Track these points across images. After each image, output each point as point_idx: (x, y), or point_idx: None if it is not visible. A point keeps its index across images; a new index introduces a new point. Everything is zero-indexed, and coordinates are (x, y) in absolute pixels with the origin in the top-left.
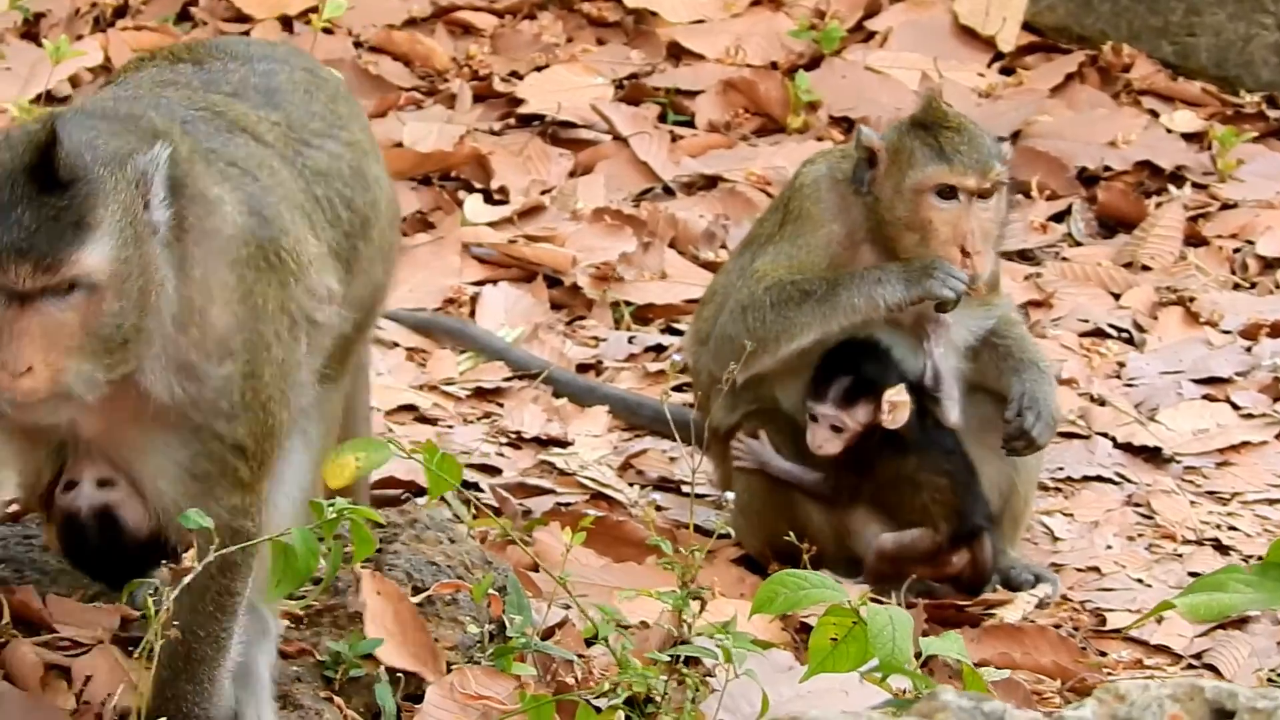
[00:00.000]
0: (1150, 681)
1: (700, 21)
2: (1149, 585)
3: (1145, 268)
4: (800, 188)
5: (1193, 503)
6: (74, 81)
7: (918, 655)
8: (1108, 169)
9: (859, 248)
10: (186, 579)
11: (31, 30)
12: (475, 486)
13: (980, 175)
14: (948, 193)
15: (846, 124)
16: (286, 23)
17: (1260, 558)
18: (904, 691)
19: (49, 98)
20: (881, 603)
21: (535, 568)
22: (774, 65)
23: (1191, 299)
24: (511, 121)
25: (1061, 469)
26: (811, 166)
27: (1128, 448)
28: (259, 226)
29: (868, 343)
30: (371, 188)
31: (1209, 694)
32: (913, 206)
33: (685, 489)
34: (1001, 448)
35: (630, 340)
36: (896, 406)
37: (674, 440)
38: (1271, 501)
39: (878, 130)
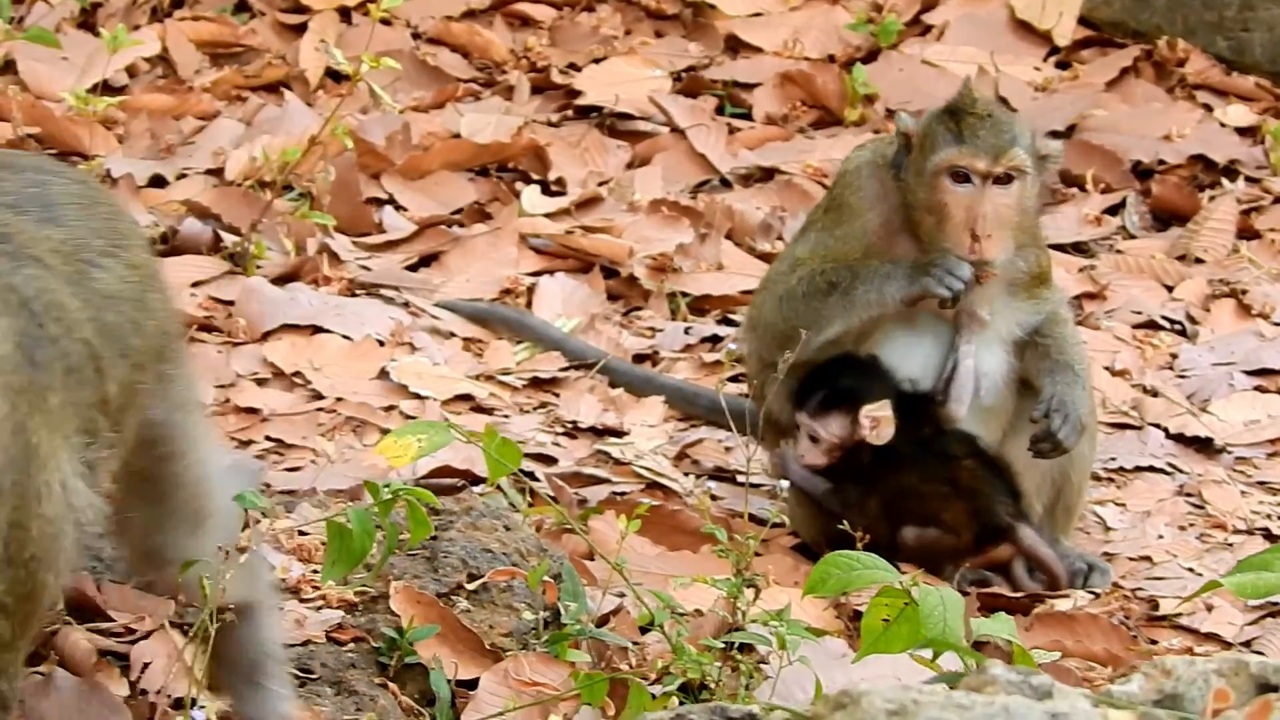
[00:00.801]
0: (1196, 658)
1: (758, 15)
2: (1199, 574)
3: (1198, 260)
4: (843, 175)
5: (1243, 493)
6: (130, 71)
7: (969, 638)
8: (1162, 162)
9: (895, 237)
10: None
11: (89, 20)
12: (531, 476)
13: (993, 159)
14: (961, 176)
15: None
16: (345, 14)
17: None
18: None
19: (106, 87)
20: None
21: (590, 556)
22: (831, 58)
23: (1244, 291)
24: (569, 113)
25: (1114, 459)
26: (858, 152)
27: (1179, 438)
28: (34, 369)
29: (856, 356)
30: (157, 316)
31: (1254, 669)
32: (930, 189)
33: (740, 478)
34: (1028, 449)
35: (686, 331)
36: (879, 422)
37: (730, 430)
38: None
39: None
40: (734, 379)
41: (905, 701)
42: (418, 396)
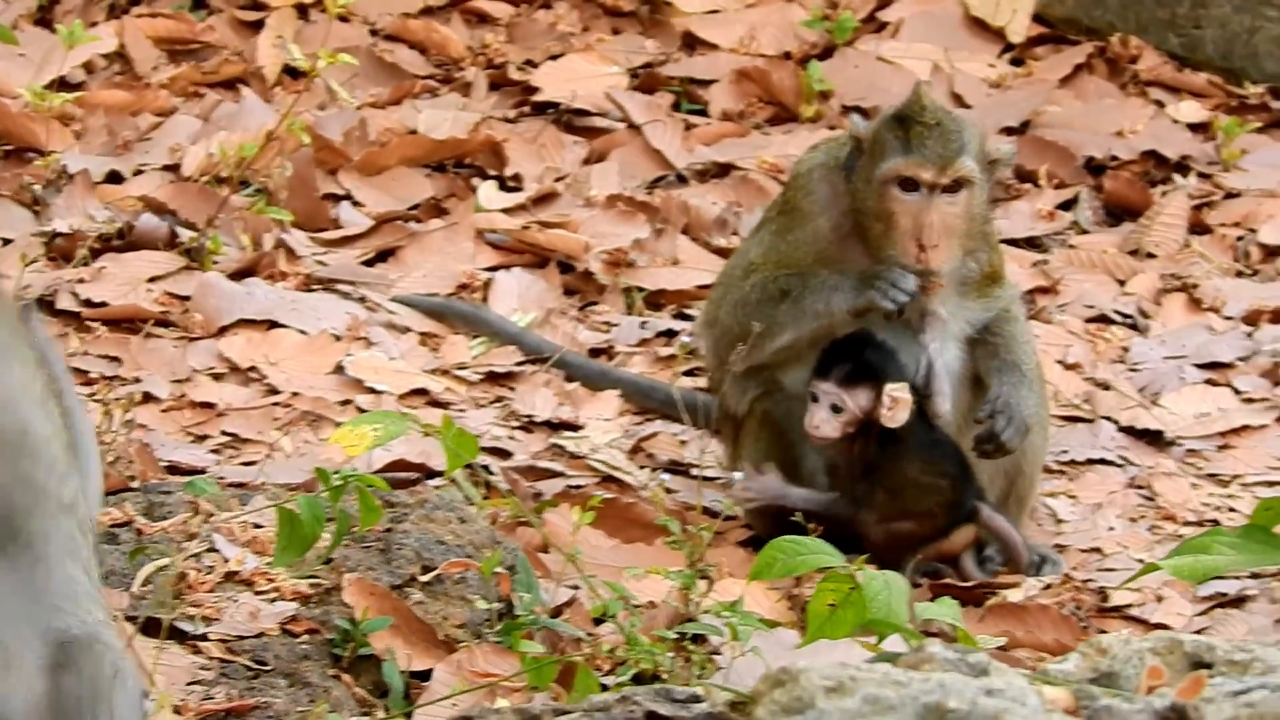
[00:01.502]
0: (1132, 637)
1: (714, 12)
2: None
3: (1150, 255)
4: (796, 178)
5: (1194, 485)
6: (88, 67)
7: (914, 623)
8: (1114, 158)
9: (847, 241)
10: None
11: (46, 16)
12: (487, 469)
13: (940, 169)
14: (909, 185)
15: (859, 114)
16: (302, 10)
17: None
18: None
19: (63, 84)
20: None
21: (545, 548)
22: (787, 55)
23: (1195, 286)
24: (526, 109)
25: (1065, 452)
26: (811, 155)
27: (1131, 431)
28: None
29: (874, 336)
30: None
31: (1188, 647)
32: (878, 197)
33: (694, 471)
34: (971, 449)
35: (642, 325)
36: (898, 403)
37: (684, 424)
38: (1271, 484)
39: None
40: (689, 373)
41: (843, 678)
42: (373, 391)
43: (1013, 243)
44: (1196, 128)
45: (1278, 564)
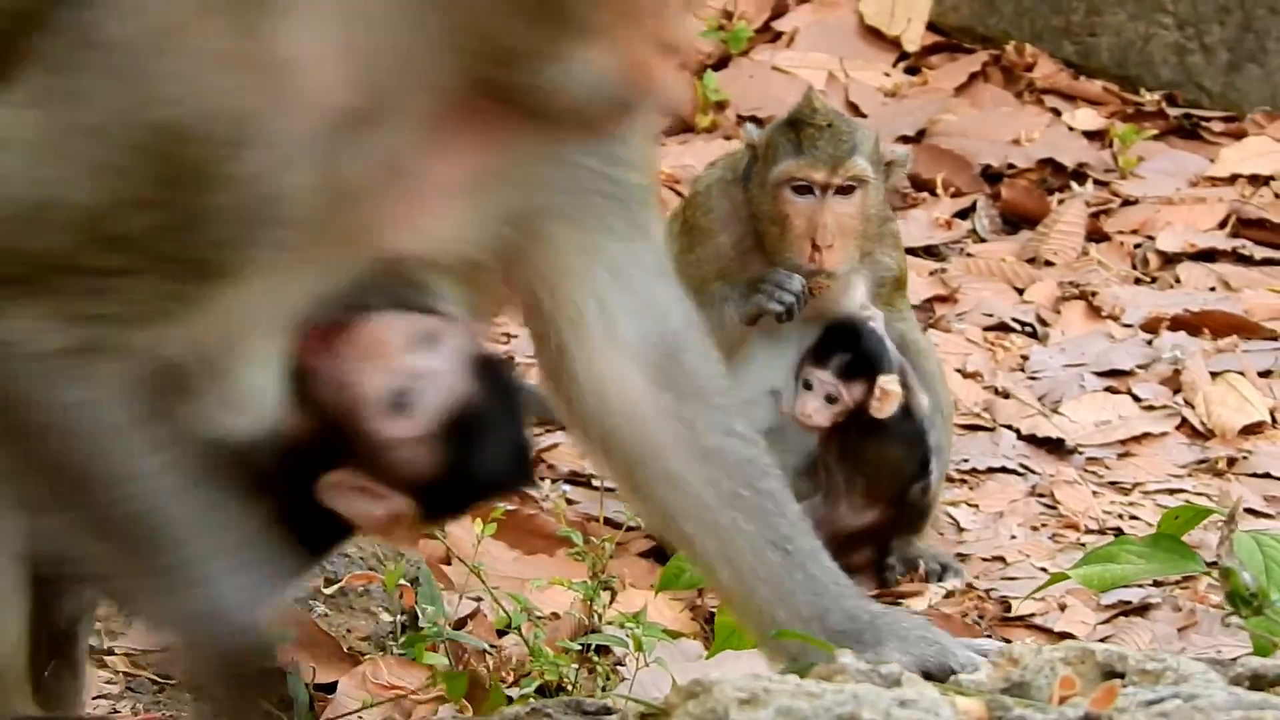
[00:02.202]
0: (1043, 646)
1: None
2: (1053, 574)
3: (1048, 263)
4: (694, 196)
5: (1095, 493)
6: None
7: None
8: (1011, 166)
9: (748, 256)
10: None
11: None
12: None
13: (831, 169)
14: (802, 187)
15: (755, 123)
16: None
17: None
18: None
19: None
20: None
21: (448, 560)
22: (682, 65)
23: (1093, 293)
24: None
25: (966, 460)
26: (709, 171)
27: (1031, 439)
28: None
29: (867, 326)
30: None
31: (1100, 657)
32: (773, 200)
33: (596, 482)
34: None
35: None
36: (887, 395)
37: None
38: (1171, 491)
39: None
40: None
41: (756, 690)
42: None
43: (911, 251)
44: (1093, 135)
45: (1185, 571)
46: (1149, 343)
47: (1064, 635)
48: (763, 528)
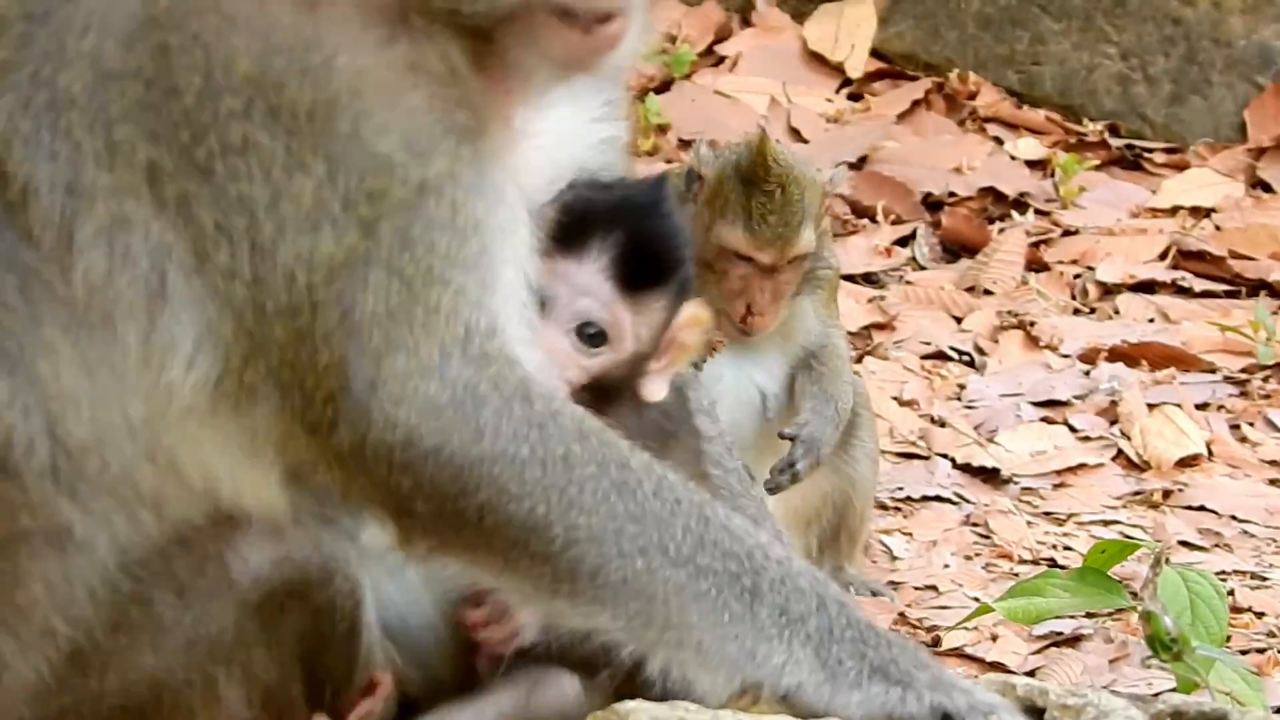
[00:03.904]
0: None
1: None
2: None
3: (987, 292)
4: None
5: (1029, 523)
6: None
7: None
8: (952, 194)
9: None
10: None
11: None
12: None
13: (779, 253)
14: (746, 259)
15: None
16: None
17: None
18: None
19: None
20: None
21: None
22: (627, 88)
23: (1032, 323)
24: None
25: (901, 488)
26: None
27: (966, 468)
28: None
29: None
30: None
31: (1020, 691)
32: (714, 255)
33: None
34: (765, 485)
35: None
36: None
37: None
38: (1106, 522)
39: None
40: None
41: (672, 719)
42: None
43: (850, 279)
44: (1035, 164)
45: (1110, 606)
46: (1086, 373)
47: (995, 666)
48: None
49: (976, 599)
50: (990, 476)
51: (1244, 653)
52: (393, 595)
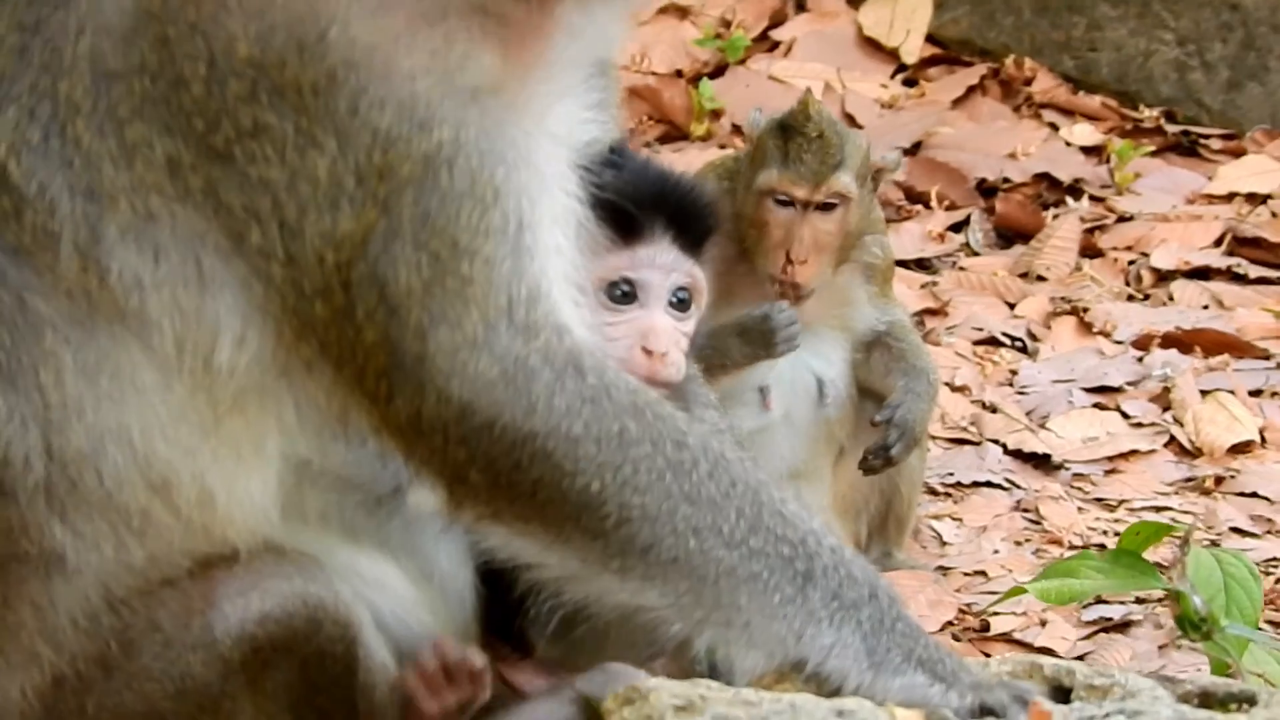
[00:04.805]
0: (992, 659)
1: None
2: None
3: (1041, 278)
4: None
5: (1080, 509)
6: None
7: None
8: (1006, 180)
9: (734, 267)
10: None
11: None
12: None
13: (813, 186)
14: (783, 199)
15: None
16: None
17: None
18: None
19: None
20: None
21: None
22: (679, 73)
23: (1085, 309)
24: None
25: (952, 474)
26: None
27: (1018, 454)
28: None
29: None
30: None
31: (1048, 671)
32: (754, 206)
33: None
34: (860, 467)
35: None
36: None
37: None
38: (1157, 509)
39: None
40: None
41: (693, 697)
42: None
43: (903, 264)
44: (1090, 150)
45: (1144, 588)
46: (1139, 359)
47: (1043, 650)
48: None
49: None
50: (1041, 462)
51: None
52: (403, 615)
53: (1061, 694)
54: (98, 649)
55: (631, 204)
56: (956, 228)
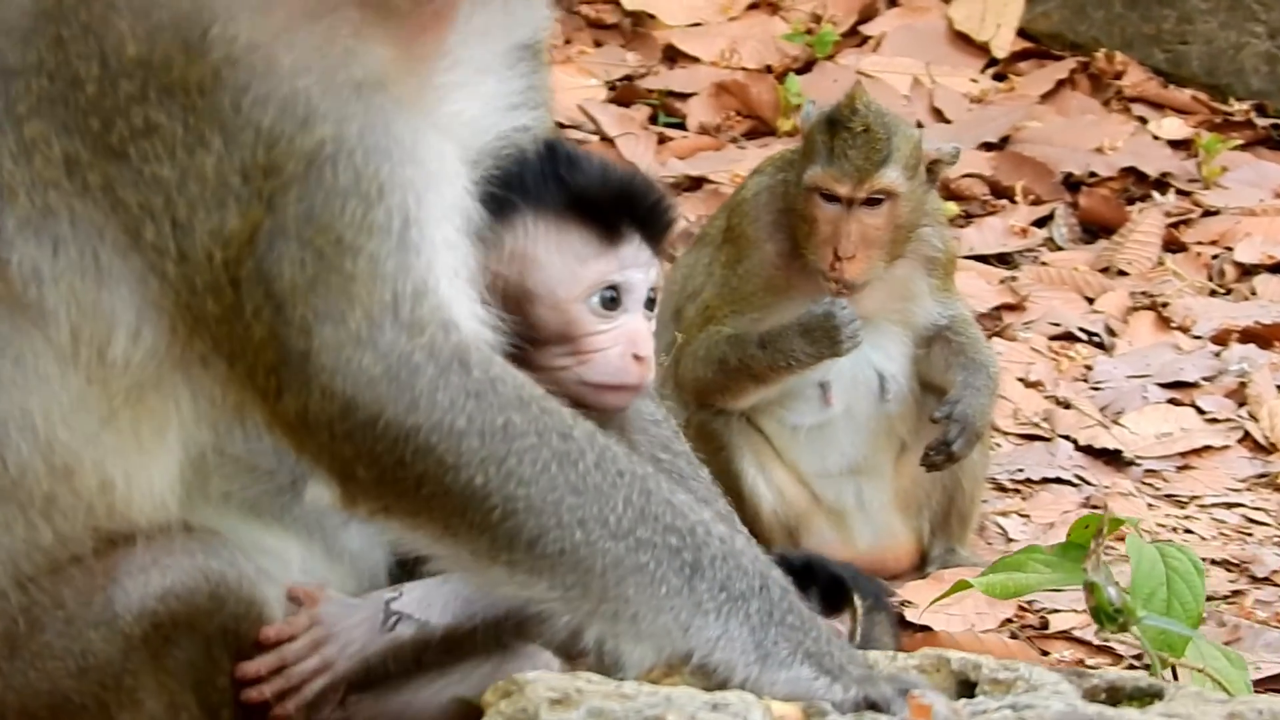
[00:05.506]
0: (899, 654)
1: (697, 25)
2: None
3: (1121, 273)
4: (741, 203)
5: (1150, 505)
6: None
7: None
8: (1093, 175)
9: (793, 264)
10: None
11: None
12: None
13: (857, 183)
14: (830, 195)
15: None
16: None
17: (1212, 561)
18: None
19: None
20: None
21: None
22: (769, 69)
23: (1165, 304)
24: None
25: (1021, 470)
26: (756, 178)
27: (1089, 450)
28: None
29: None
30: None
31: (955, 665)
32: (804, 201)
33: None
34: (921, 463)
35: None
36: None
37: None
38: (1229, 505)
39: None
40: None
41: (570, 690)
42: None
43: (983, 259)
44: (1178, 144)
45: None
46: (1217, 355)
47: (1102, 649)
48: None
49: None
50: (1113, 458)
51: None
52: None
53: (968, 688)
54: (4, 627)
55: (608, 204)
56: (1040, 222)
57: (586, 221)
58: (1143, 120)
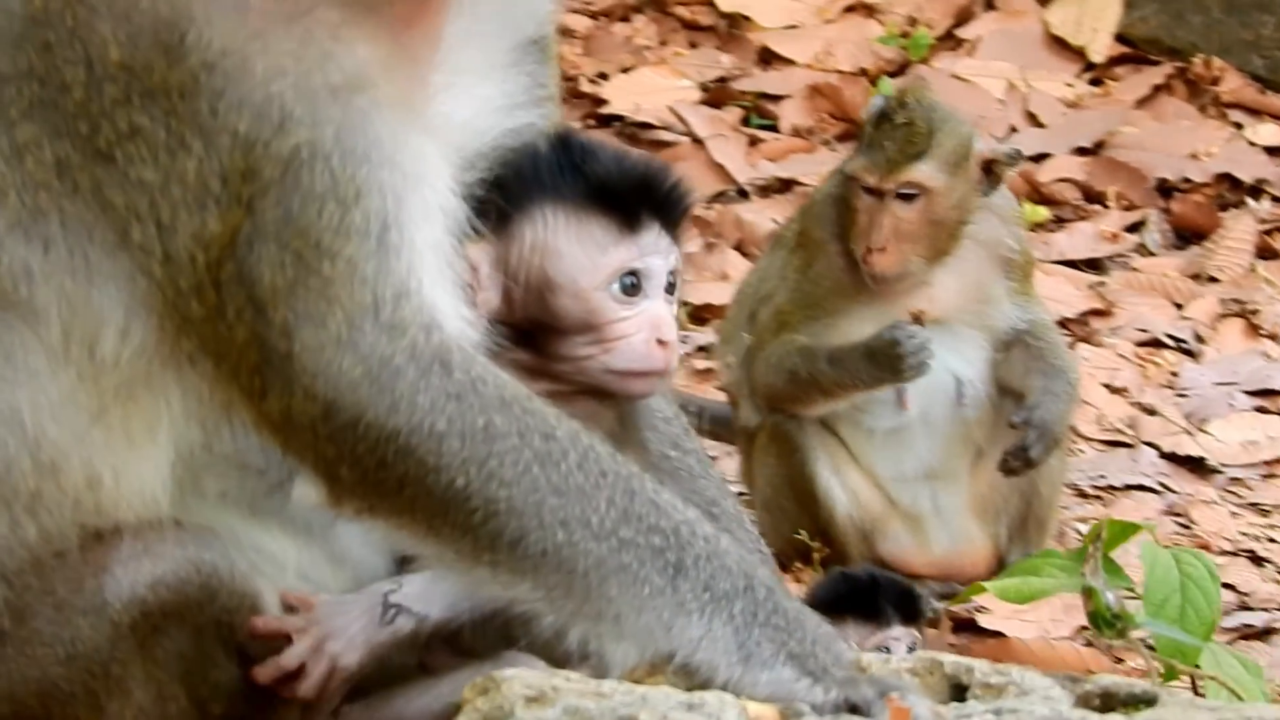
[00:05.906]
0: (892, 656)
1: (793, 27)
2: None
3: (1212, 279)
4: (810, 207)
5: (1233, 514)
6: None
7: None
8: (1187, 180)
9: (860, 269)
10: None
11: None
12: None
13: (885, 174)
14: (867, 186)
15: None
16: None
17: None
18: None
19: None
20: None
21: None
22: (863, 72)
23: (1255, 311)
24: (593, 121)
25: (1103, 476)
26: (829, 181)
27: (1172, 457)
28: None
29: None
30: None
31: (948, 669)
32: (849, 192)
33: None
34: (999, 468)
35: (683, 340)
36: None
37: (713, 439)
38: None
39: None
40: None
41: (545, 688)
42: None
43: (1073, 264)
44: (1274, 151)
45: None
46: None
47: None
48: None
49: None
50: (1197, 466)
51: None
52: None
53: (960, 692)
54: None
55: (627, 192)
56: (1132, 228)
57: (605, 210)
58: (1239, 126)
